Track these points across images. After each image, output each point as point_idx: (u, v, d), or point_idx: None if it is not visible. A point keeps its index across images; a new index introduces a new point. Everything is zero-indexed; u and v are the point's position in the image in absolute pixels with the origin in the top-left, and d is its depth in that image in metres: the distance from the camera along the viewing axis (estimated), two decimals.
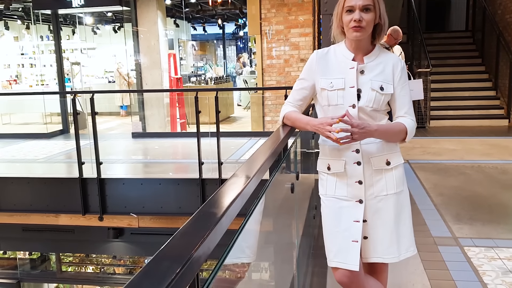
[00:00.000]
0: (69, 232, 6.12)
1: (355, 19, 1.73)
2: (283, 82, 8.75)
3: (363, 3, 1.74)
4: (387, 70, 1.82)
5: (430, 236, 3.51)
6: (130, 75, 11.95)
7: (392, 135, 1.84)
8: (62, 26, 11.35)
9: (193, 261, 0.80)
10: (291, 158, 2.59)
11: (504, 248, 3.24)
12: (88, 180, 5.69)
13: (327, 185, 1.92)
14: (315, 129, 1.81)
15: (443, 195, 4.55)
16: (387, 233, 1.85)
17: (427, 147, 6.72)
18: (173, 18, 13.00)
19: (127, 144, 8.83)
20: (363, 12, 1.74)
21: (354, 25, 1.74)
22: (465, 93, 9.27)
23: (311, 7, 8.50)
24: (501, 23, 9.55)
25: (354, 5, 1.74)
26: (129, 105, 12.53)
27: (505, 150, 6.45)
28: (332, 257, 1.88)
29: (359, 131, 1.70)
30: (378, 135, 1.79)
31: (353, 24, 1.74)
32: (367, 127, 1.72)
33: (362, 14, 1.74)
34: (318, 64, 1.87)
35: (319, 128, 1.78)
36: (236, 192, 1.16)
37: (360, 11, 1.74)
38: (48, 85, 11.28)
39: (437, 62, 9.51)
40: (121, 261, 8.03)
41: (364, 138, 1.76)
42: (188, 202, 5.63)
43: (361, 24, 1.73)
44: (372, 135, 1.77)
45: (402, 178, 1.89)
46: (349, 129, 1.69)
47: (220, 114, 5.73)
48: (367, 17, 1.74)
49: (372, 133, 1.75)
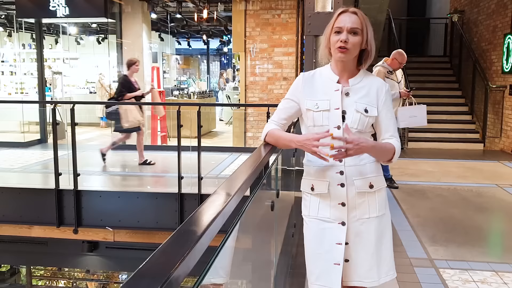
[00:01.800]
0: (42, 244, 5.97)
1: (341, 40, 1.77)
2: (266, 99, 8.81)
3: (351, 26, 1.78)
4: (371, 93, 1.85)
5: (407, 257, 3.55)
6: (112, 87, 11.86)
7: (384, 154, 1.86)
8: (45, 35, 11.25)
9: (172, 280, 0.80)
10: (272, 175, 2.60)
11: (478, 270, 3.29)
12: (64, 191, 5.59)
13: (310, 206, 1.92)
14: (300, 146, 1.79)
15: (419, 216, 4.61)
16: (367, 256, 1.86)
17: (405, 168, 6.82)
18: (158, 31, 13.02)
19: (106, 156, 8.70)
20: (350, 34, 1.78)
21: (339, 45, 1.78)
22: (442, 117, 9.47)
23: (295, 28, 8.63)
24: (477, 51, 9.85)
25: (342, 27, 1.79)
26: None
27: (480, 173, 6.59)
28: (314, 280, 1.88)
29: (354, 147, 1.69)
30: (374, 151, 1.81)
31: (339, 44, 1.78)
32: (363, 143, 1.71)
33: (349, 36, 1.78)
34: (304, 85, 1.90)
35: (304, 144, 1.76)
36: (217, 210, 1.16)
37: (348, 33, 1.78)
38: (27, 94, 11.12)
39: (416, 85, 9.69)
40: (94, 276, 7.86)
41: (359, 153, 1.75)
42: (165, 217, 5.56)
43: (347, 45, 1.77)
44: (369, 151, 1.78)
45: (384, 201, 1.91)
46: (343, 146, 1.68)
47: (202, 128, 5.73)
48: (354, 40, 1.78)
49: (369, 149, 1.76)
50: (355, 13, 1.81)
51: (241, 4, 8.72)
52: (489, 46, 9.32)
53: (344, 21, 1.79)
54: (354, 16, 1.80)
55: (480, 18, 9.85)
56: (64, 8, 8.86)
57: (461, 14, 10.82)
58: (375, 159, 1.87)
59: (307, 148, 1.76)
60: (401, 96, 5.47)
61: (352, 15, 1.80)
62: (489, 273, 3.25)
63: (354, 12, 1.81)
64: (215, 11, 10.12)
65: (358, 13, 1.81)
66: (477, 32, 10.01)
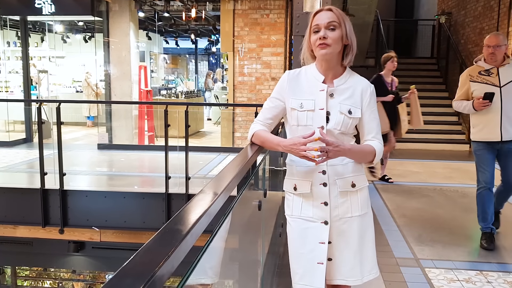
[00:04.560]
0: (27, 244, 5.90)
1: (320, 37, 1.78)
2: (254, 99, 8.80)
3: (327, 21, 1.79)
4: (356, 94, 1.85)
5: (393, 257, 3.57)
6: (99, 86, 11.75)
7: (362, 156, 1.87)
8: (30, 33, 11.10)
9: (156, 278, 0.79)
10: (260, 175, 2.60)
11: (463, 270, 3.33)
12: (50, 191, 5.53)
13: (293, 206, 1.92)
14: (288, 150, 1.80)
15: (406, 216, 4.64)
16: (350, 255, 1.87)
17: (392, 168, 6.86)
18: (145, 30, 12.93)
19: (92, 156, 8.64)
20: (328, 30, 1.79)
21: (319, 42, 1.78)
22: (429, 117, 9.54)
23: (283, 28, 8.64)
24: (464, 52, 9.96)
25: (319, 24, 1.79)
26: (96, 116, 12.30)
27: (465, 174, 6.66)
28: (298, 279, 1.88)
29: (333, 149, 1.71)
30: (351, 154, 1.82)
31: (319, 42, 1.79)
32: (341, 145, 1.73)
33: (327, 32, 1.78)
34: (289, 84, 1.89)
35: (292, 149, 1.76)
36: (203, 209, 1.15)
37: (326, 29, 1.78)
38: (13, 92, 10.97)
39: (403, 86, 9.76)
40: (80, 276, 7.78)
41: (337, 156, 1.76)
42: (152, 217, 5.53)
43: (326, 41, 1.77)
44: (345, 154, 1.79)
45: (366, 200, 1.92)
46: (324, 147, 1.70)
47: (189, 128, 5.70)
48: (333, 34, 1.78)
49: (346, 152, 1.77)
50: (330, 10, 1.82)
51: (229, 4, 8.70)
52: (475, 48, 9.43)
53: (320, 18, 1.80)
54: (330, 13, 1.81)
55: (467, 20, 9.96)
56: (50, 5, 8.76)
57: (448, 16, 10.94)
58: None
59: (294, 152, 1.77)
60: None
61: (328, 12, 1.81)
62: (473, 272, 3.28)
63: (329, 9, 1.82)
64: (204, 10, 10.09)
65: (333, 9, 1.82)
66: (464, 34, 10.12)
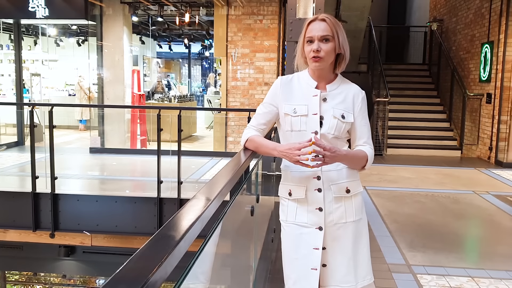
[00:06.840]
0: (17, 248, 5.84)
1: (313, 49, 1.78)
2: (247, 104, 8.82)
3: (321, 34, 1.79)
4: (348, 99, 1.87)
5: (385, 263, 3.58)
6: (92, 89, 11.70)
7: (357, 162, 1.88)
8: (24, 36, 11.05)
9: (149, 285, 0.79)
10: (252, 180, 2.60)
11: (455, 276, 3.34)
12: (41, 195, 5.48)
13: (288, 211, 1.92)
14: (283, 155, 1.80)
15: (397, 222, 4.66)
16: (344, 261, 1.87)
17: (384, 174, 6.90)
18: (139, 34, 12.93)
19: (84, 159, 8.60)
20: (322, 42, 1.79)
21: (313, 55, 1.79)
22: (421, 123, 9.62)
23: (276, 33, 8.67)
24: (455, 59, 10.05)
25: (313, 36, 1.80)
26: (89, 120, 12.25)
27: (457, 180, 6.71)
28: (291, 285, 1.88)
29: (330, 154, 1.71)
30: (347, 160, 1.83)
31: (312, 54, 1.79)
32: (337, 151, 1.74)
33: (321, 45, 1.78)
34: (282, 89, 1.90)
35: (287, 154, 1.77)
36: (196, 215, 1.16)
37: (319, 42, 1.79)
38: (5, 95, 10.92)
39: (395, 93, 9.85)
40: (71, 281, 7.71)
41: (334, 161, 1.77)
42: (144, 222, 5.50)
43: (319, 54, 1.78)
44: (341, 160, 1.80)
45: (361, 206, 1.93)
46: (321, 151, 1.70)
47: (182, 132, 5.69)
48: (326, 47, 1.79)
49: (342, 157, 1.78)
50: (323, 20, 1.81)
51: (223, 9, 8.72)
52: (467, 55, 9.52)
53: (314, 30, 1.80)
54: (323, 24, 1.80)
55: (459, 27, 10.06)
56: (44, 9, 8.72)
57: (440, 23, 11.02)
58: None
59: (290, 157, 1.77)
60: None
61: (321, 23, 1.80)
62: (465, 279, 3.30)
63: (323, 19, 1.81)
64: (197, 15, 10.10)
65: (327, 20, 1.81)
66: (456, 41, 10.21)
